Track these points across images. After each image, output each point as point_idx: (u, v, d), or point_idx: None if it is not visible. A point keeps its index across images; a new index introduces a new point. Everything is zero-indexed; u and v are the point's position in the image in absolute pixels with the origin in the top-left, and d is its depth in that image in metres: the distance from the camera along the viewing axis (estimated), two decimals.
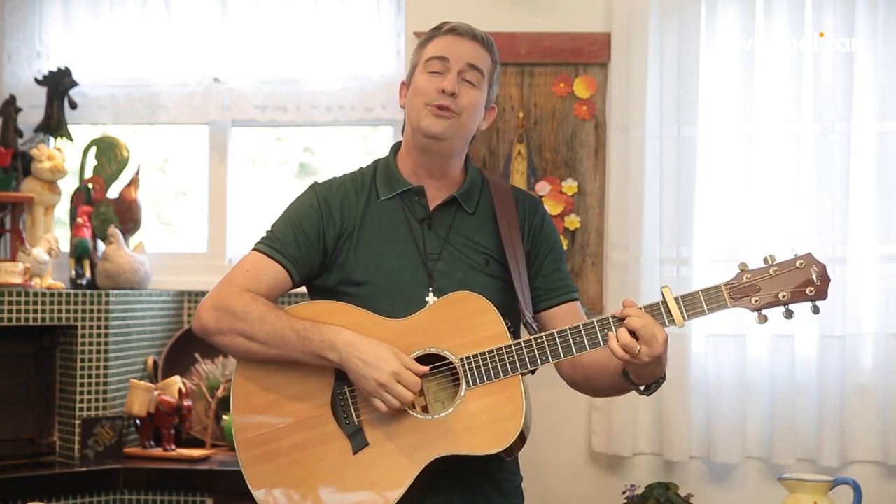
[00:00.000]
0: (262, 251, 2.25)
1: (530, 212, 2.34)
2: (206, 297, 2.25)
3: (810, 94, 3.47)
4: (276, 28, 3.93)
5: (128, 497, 3.50)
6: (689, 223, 3.50)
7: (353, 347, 2.09)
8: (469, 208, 2.29)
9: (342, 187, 2.30)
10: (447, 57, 2.22)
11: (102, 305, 3.59)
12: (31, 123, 3.98)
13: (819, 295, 2.08)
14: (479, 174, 2.36)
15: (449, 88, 2.19)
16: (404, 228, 2.25)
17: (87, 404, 3.57)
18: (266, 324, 2.15)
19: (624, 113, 3.53)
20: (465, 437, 2.07)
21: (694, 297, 2.07)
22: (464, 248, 2.25)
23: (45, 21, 4.04)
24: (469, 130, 2.26)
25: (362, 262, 2.23)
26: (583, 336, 2.10)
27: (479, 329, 2.12)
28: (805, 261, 2.09)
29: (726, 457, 3.47)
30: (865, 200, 3.45)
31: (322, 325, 2.13)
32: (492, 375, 2.10)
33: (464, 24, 2.27)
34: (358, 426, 2.14)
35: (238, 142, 4.12)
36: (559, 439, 3.62)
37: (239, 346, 2.19)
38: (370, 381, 2.07)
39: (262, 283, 2.22)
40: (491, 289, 2.22)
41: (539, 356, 2.10)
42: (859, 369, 3.43)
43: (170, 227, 4.34)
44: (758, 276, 2.08)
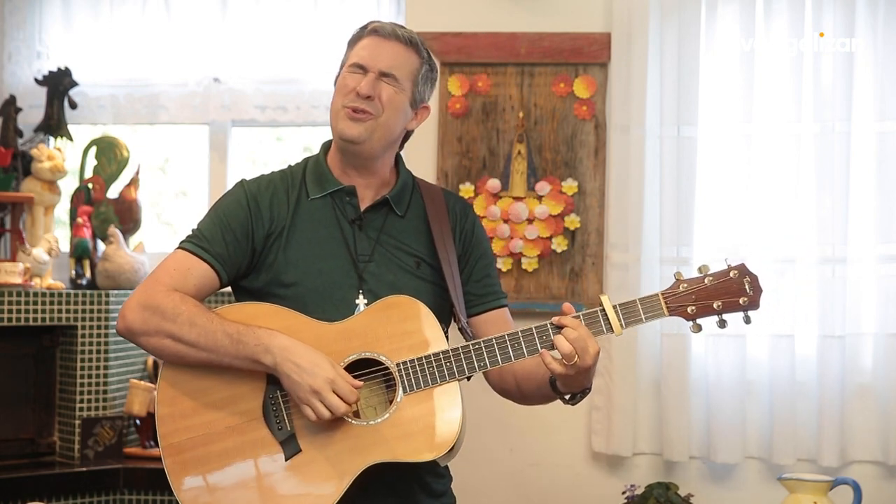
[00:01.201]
0: (189, 250, 2.17)
1: (461, 216, 2.30)
2: (130, 296, 2.17)
3: (810, 94, 3.47)
4: (276, 28, 3.93)
5: (128, 497, 3.50)
6: (689, 223, 3.50)
7: (289, 352, 2.03)
8: (399, 210, 2.25)
9: (271, 185, 2.24)
10: (363, 65, 2.19)
11: (102, 305, 3.59)
12: (31, 123, 3.98)
13: (752, 305, 2.09)
14: (410, 177, 2.32)
15: (364, 91, 2.16)
16: (335, 229, 2.21)
17: (87, 404, 3.57)
18: (197, 326, 2.07)
19: (624, 113, 3.53)
20: (402, 443, 2.04)
21: (632, 306, 2.08)
22: (394, 251, 2.22)
23: (45, 21, 4.04)
24: (390, 130, 2.21)
25: (292, 262, 2.18)
26: (521, 342, 2.07)
27: (415, 334, 2.09)
28: (738, 271, 2.10)
29: (726, 457, 3.47)
30: (865, 200, 3.45)
31: (256, 329, 2.06)
32: (429, 381, 2.06)
33: (388, 26, 2.24)
34: (290, 432, 2.08)
35: (238, 142, 4.12)
36: (559, 439, 3.62)
37: (167, 348, 2.10)
38: (303, 388, 2.02)
39: (190, 283, 2.14)
40: (423, 292, 2.18)
41: (477, 362, 2.07)
42: (859, 369, 3.43)
43: (170, 227, 4.34)
44: (693, 285, 2.10)
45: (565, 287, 3.60)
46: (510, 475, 3.61)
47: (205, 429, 2.10)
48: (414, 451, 2.04)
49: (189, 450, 2.10)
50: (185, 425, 2.11)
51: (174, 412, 2.12)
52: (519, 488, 3.61)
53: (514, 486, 3.61)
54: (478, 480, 3.56)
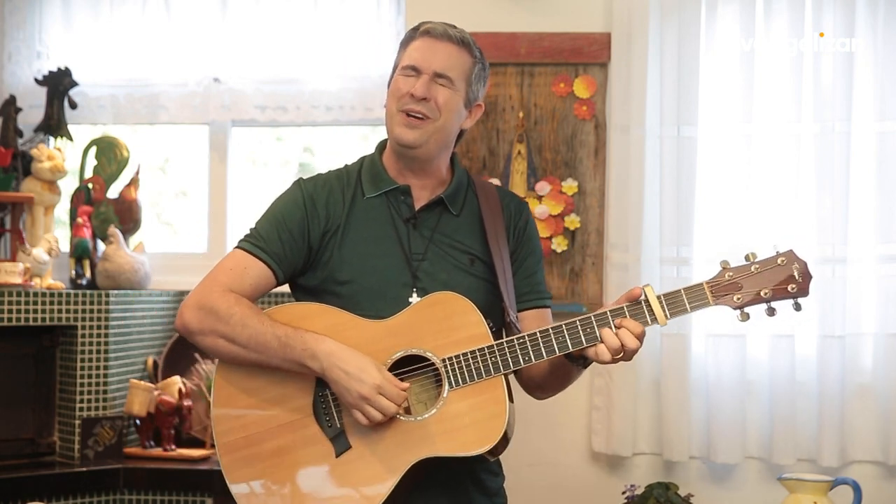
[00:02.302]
0: (246, 249, 2.22)
1: (515, 213, 2.33)
2: (189, 294, 2.21)
3: (810, 94, 3.47)
4: (276, 28, 3.93)
5: (128, 497, 3.50)
6: (689, 223, 3.51)
7: (336, 357, 2.07)
8: (454, 210, 2.28)
9: (327, 184, 2.28)
10: (416, 66, 2.21)
11: (102, 305, 3.59)
12: (31, 123, 3.98)
13: (801, 292, 2.06)
14: (465, 175, 2.34)
15: (418, 93, 2.19)
16: (389, 228, 2.24)
17: (87, 404, 3.57)
18: (248, 328, 2.12)
19: (624, 113, 3.53)
20: (449, 438, 2.06)
21: (676, 296, 2.07)
22: (448, 249, 2.24)
23: (45, 21, 4.04)
24: (447, 133, 2.24)
25: (346, 260, 2.21)
26: (565, 336, 2.09)
27: (460, 329, 2.11)
28: (787, 258, 2.08)
29: (726, 457, 3.47)
30: (865, 200, 3.45)
31: (304, 333, 2.11)
32: (474, 376, 2.08)
33: (440, 26, 2.26)
34: (340, 429, 2.12)
35: (238, 142, 4.12)
36: (559, 439, 3.62)
37: (220, 348, 2.16)
38: (353, 394, 2.05)
39: (246, 282, 2.19)
40: (475, 289, 2.21)
41: (522, 356, 2.09)
42: (859, 369, 3.43)
43: (170, 227, 4.34)
44: (740, 273, 2.07)
45: (565, 287, 3.60)
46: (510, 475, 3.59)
47: (258, 427, 2.15)
48: (461, 445, 2.06)
49: (243, 448, 2.15)
50: (239, 424, 2.16)
51: (229, 411, 2.17)
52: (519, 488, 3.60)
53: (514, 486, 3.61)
54: None
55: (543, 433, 3.62)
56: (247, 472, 2.15)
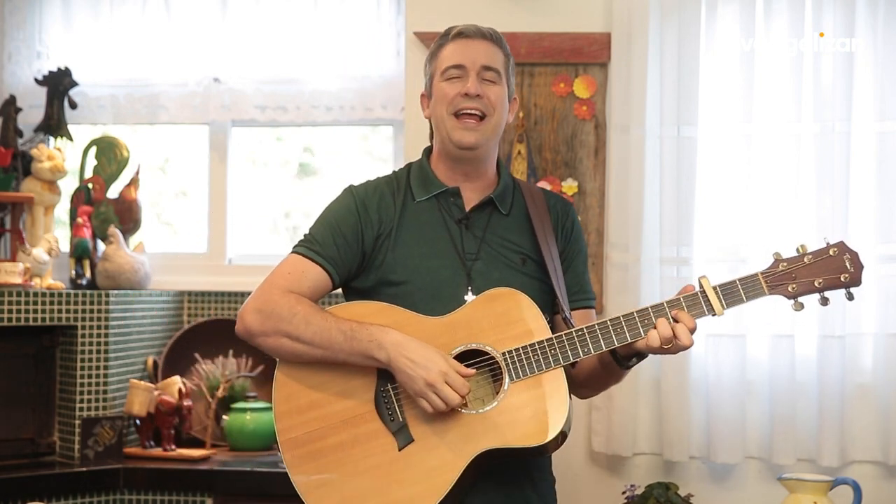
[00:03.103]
0: (302, 254, 2.26)
1: (562, 214, 2.37)
2: (247, 300, 2.25)
3: (810, 94, 3.47)
4: (276, 28, 3.93)
5: (128, 497, 3.50)
6: (689, 223, 3.50)
7: (402, 347, 2.11)
8: (504, 209, 2.32)
9: (378, 189, 2.32)
10: (462, 63, 2.25)
11: (102, 305, 3.59)
12: (31, 123, 3.98)
13: (853, 281, 2.12)
14: (510, 176, 2.38)
15: (473, 91, 2.22)
16: (441, 229, 2.27)
17: (87, 404, 3.57)
18: (312, 325, 2.16)
19: (624, 113, 3.53)
20: (511, 429, 2.09)
21: (732, 287, 2.12)
22: (501, 248, 2.27)
23: (45, 21, 4.04)
24: (500, 127, 2.30)
25: (400, 262, 2.24)
26: (623, 328, 2.12)
27: (519, 324, 2.15)
28: (838, 248, 2.14)
29: (726, 457, 3.47)
30: (865, 200, 3.45)
31: (369, 326, 2.15)
32: (534, 368, 2.12)
33: (470, 26, 2.30)
34: (403, 422, 2.15)
35: (238, 142, 4.12)
36: None
37: (284, 347, 2.20)
38: (418, 381, 2.08)
39: (304, 285, 2.24)
40: (528, 288, 2.23)
41: (581, 348, 2.12)
42: (859, 369, 3.43)
43: (170, 227, 4.34)
44: (793, 264, 2.13)
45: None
46: None
47: (320, 423, 2.18)
48: (523, 436, 2.09)
49: (306, 444, 2.18)
50: (301, 420, 2.19)
51: (290, 408, 2.20)
52: None
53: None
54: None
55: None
56: (310, 467, 2.17)
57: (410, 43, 3.66)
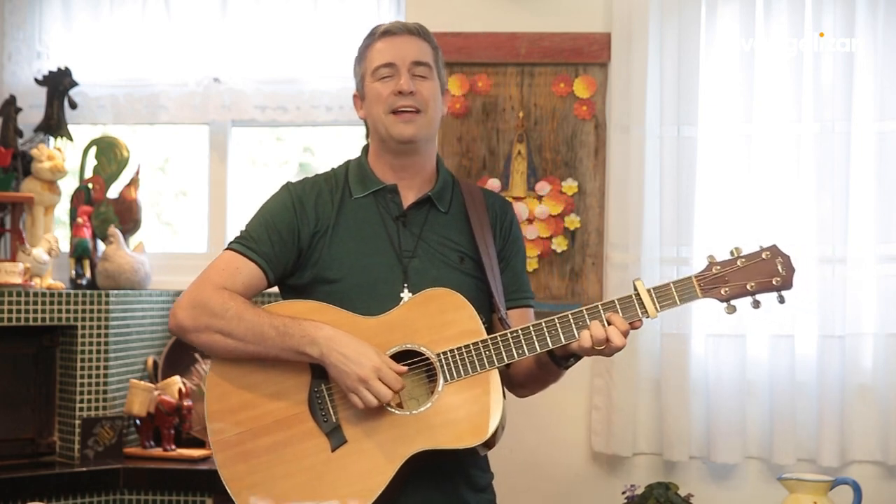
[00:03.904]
0: (237, 250, 2.26)
1: (501, 213, 2.36)
2: (181, 295, 2.24)
3: (810, 94, 3.47)
4: (276, 28, 3.92)
5: (128, 497, 3.50)
6: (689, 223, 3.51)
7: (335, 342, 2.10)
8: (442, 207, 2.31)
9: (316, 186, 2.31)
10: (393, 61, 2.25)
11: (102, 305, 3.59)
12: (31, 123, 3.98)
13: (784, 285, 2.13)
14: (450, 175, 2.38)
15: (406, 88, 2.23)
16: (379, 226, 2.27)
17: (87, 404, 3.56)
18: (244, 321, 2.15)
19: (624, 113, 3.53)
20: (444, 430, 2.09)
21: (666, 290, 2.12)
22: (438, 246, 2.27)
23: (45, 21, 4.03)
24: (436, 122, 2.30)
25: (336, 259, 2.24)
26: (558, 329, 2.12)
27: (454, 325, 2.14)
28: (771, 252, 2.14)
29: (726, 457, 3.47)
30: (865, 200, 3.45)
31: (302, 321, 2.14)
32: (468, 370, 2.11)
33: (396, 23, 2.30)
34: (336, 423, 2.14)
35: (238, 142, 4.12)
36: (559, 439, 3.62)
37: (216, 343, 2.19)
38: (351, 376, 2.08)
39: (238, 282, 2.22)
40: (465, 286, 2.23)
41: (515, 350, 2.12)
42: (859, 369, 3.43)
43: (170, 227, 4.34)
44: (726, 267, 2.14)
45: (565, 287, 3.60)
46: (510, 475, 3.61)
47: (253, 423, 2.17)
48: (456, 437, 2.08)
49: (238, 444, 2.17)
50: (234, 421, 2.18)
51: (223, 408, 2.19)
52: (519, 488, 3.61)
53: (514, 486, 3.61)
54: None
55: (543, 433, 3.62)
56: (242, 468, 2.16)
57: None
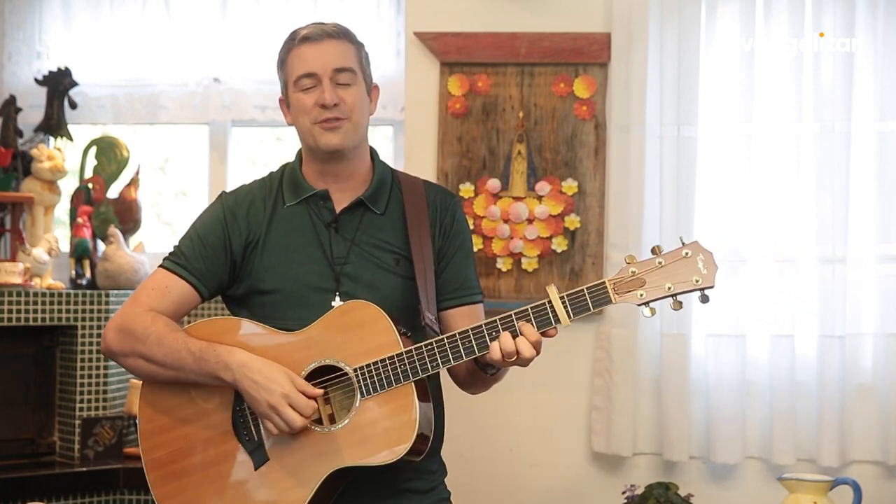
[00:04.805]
0: (168, 268, 2.24)
1: (441, 209, 2.29)
2: (112, 317, 2.24)
3: (810, 94, 3.47)
4: (276, 28, 3.92)
5: (128, 497, 3.50)
6: (689, 223, 3.50)
7: (247, 368, 2.08)
8: (377, 209, 2.26)
9: (248, 195, 2.29)
10: (314, 71, 2.21)
11: (102, 305, 3.59)
12: (31, 123, 3.98)
13: (706, 283, 2.02)
14: (388, 172, 2.32)
15: (329, 101, 2.18)
16: (311, 234, 2.23)
17: (87, 404, 3.57)
18: (164, 346, 2.14)
19: (624, 113, 3.53)
20: (360, 448, 2.06)
21: (579, 295, 2.04)
22: (372, 250, 2.23)
23: (45, 21, 4.04)
24: (363, 126, 2.25)
25: (269, 269, 2.22)
26: (472, 340, 2.07)
27: (371, 337, 2.10)
28: (692, 249, 2.03)
29: (726, 457, 3.47)
30: (865, 200, 3.45)
31: (217, 346, 2.12)
32: (384, 384, 2.07)
33: (314, 28, 2.25)
34: (258, 442, 2.14)
35: (238, 142, 4.12)
36: (559, 439, 3.62)
37: (141, 367, 2.19)
38: (261, 403, 2.07)
39: (168, 301, 2.21)
40: (401, 289, 2.20)
41: (430, 362, 2.07)
42: (859, 369, 3.43)
43: (170, 227, 4.34)
44: (643, 268, 2.03)
45: (565, 287, 3.56)
46: (509, 475, 3.61)
47: (181, 443, 2.18)
48: (369, 455, 2.06)
49: (169, 464, 2.18)
50: (163, 440, 2.19)
51: (153, 428, 2.20)
52: (518, 488, 3.61)
53: (514, 486, 3.61)
54: (477, 480, 3.56)
55: (543, 433, 3.62)
56: (172, 487, 2.17)
57: (410, 43, 3.66)
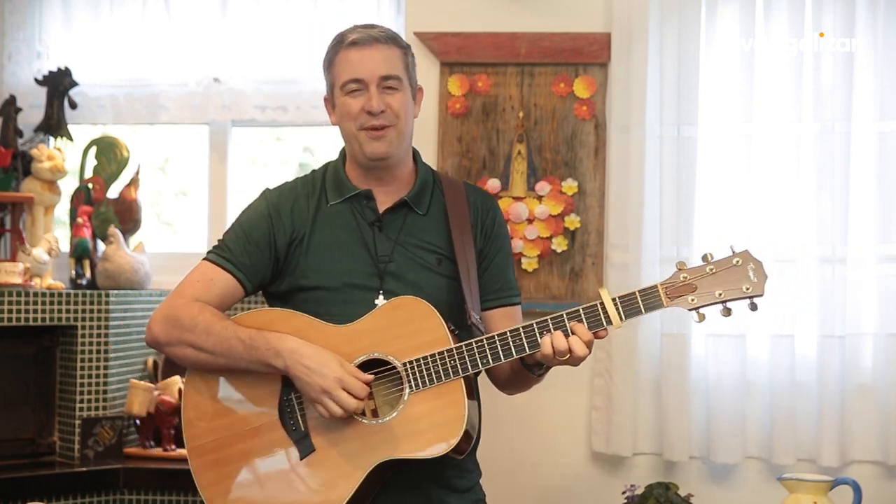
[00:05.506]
0: (213, 261, 2.27)
1: (483, 210, 2.33)
2: (157, 308, 2.26)
3: (810, 94, 3.47)
4: (276, 28, 3.93)
5: (128, 497, 3.50)
6: (689, 223, 3.50)
7: (298, 354, 2.11)
8: (420, 210, 2.29)
9: (293, 193, 2.31)
10: (361, 77, 2.22)
11: (102, 305, 3.59)
12: (31, 123, 3.98)
13: (756, 292, 2.06)
14: (430, 174, 2.35)
15: (376, 108, 2.20)
16: (355, 232, 2.26)
17: (87, 404, 3.57)
18: (213, 334, 2.17)
19: (624, 113, 3.53)
20: (407, 441, 2.09)
21: (631, 298, 2.09)
22: (416, 249, 2.25)
23: (45, 21, 4.03)
24: (409, 132, 2.27)
25: (313, 267, 2.24)
26: (522, 338, 2.11)
27: (422, 333, 2.13)
28: (742, 258, 2.08)
29: (726, 457, 3.47)
30: (865, 200, 3.45)
31: (267, 334, 2.15)
32: (434, 379, 2.10)
33: (363, 33, 2.25)
34: (304, 432, 2.16)
35: (238, 142, 4.12)
36: (559, 439, 3.62)
37: (189, 356, 2.21)
38: (314, 388, 2.08)
39: (213, 293, 2.24)
40: (444, 288, 2.23)
41: (480, 359, 2.11)
42: (859, 369, 3.43)
43: (170, 227, 4.34)
44: (695, 274, 2.09)
45: (565, 287, 3.60)
46: (510, 475, 3.61)
47: (226, 431, 2.20)
48: (418, 448, 2.09)
49: (212, 451, 2.21)
50: (208, 428, 2.21)
51: (198, 415, 2.23)
52: (519, 488, 3.61)
53: (514, 486, 3.61)
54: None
55: (543, 433, 3.62)
56: (215, 474, 2.20)
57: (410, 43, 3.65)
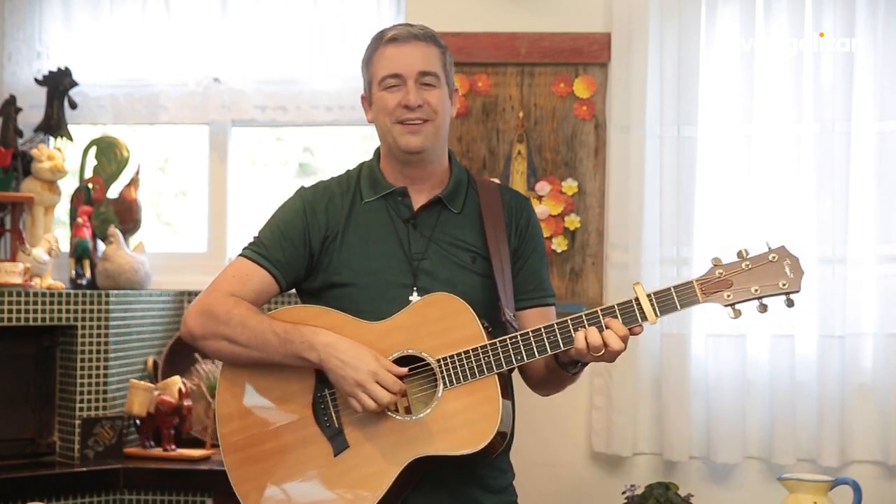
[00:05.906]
0: (248, 257, 2.29)
1: (517, 211, 2.34)
2: (192, 302, 2.28)
3: (810, 94, 3.47)
4: (276, 28, 3.92)
5: (128, 497, 3.50)
6: (689, 223, 3.51)
7: (333, 348, 2.12)
8: (454, 208, 2.30)
9: (327, 191, 2.32)
10: (399, 72, 2.23)
11: (102, 305, 3.59)
12: (31, 123, 3.98)
13: (792, 288, 2.06)
14: (464, 173, 2.37)
15: (413, 102, 2.21)
16: (389, 229, 2.27)
17: (87, 404, 3.56)
18: (248, 328, 2.18)
19: (624, 113, 3.53)
20: (442, 437, 2.09)
21: (666, 294, 2.08)
22: (449, 247, 2.26)
23: (45, 21, 4.03)
24: (445, 129, 2.29)
25: (346, 264, 2.25)
26: (556, 334, 2.11)
27: (455, 330, 2.14)
28: (778, 254, 2.07)
29: (726, 457, 3.47)
30: (865, 200, 3.45)
31: (302, 328, 2.16)
32: (468, 376, 2.11)
33: (402, 29, 2.26)
34: (338, 428, 2.16)
35: (238, 142, 4.12)
36: (559, 439, 3.62)
37: (223, 349, 2.23)
38: (348, 381, 2.09)
39: (248, 289, 2.25)
40: (478, 287, 2.23)
41: (514, 356, 2.12)
42: (859, 369, 3.43)
43: (170, 227, 4.34)
44: (730, 270, 2.07)
45: (565, 287, 3.60)
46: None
47: (260, 427, 2.21)
48: (453, 444, 2.09)
49: (246, 447, 2.21)
50: (242, 424, 2.22)
51: (232, 412, 2.24)
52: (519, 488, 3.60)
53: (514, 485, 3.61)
54: None
55: (543, 433, 3.62)
56: (249, 471, 2.20)
57: None
